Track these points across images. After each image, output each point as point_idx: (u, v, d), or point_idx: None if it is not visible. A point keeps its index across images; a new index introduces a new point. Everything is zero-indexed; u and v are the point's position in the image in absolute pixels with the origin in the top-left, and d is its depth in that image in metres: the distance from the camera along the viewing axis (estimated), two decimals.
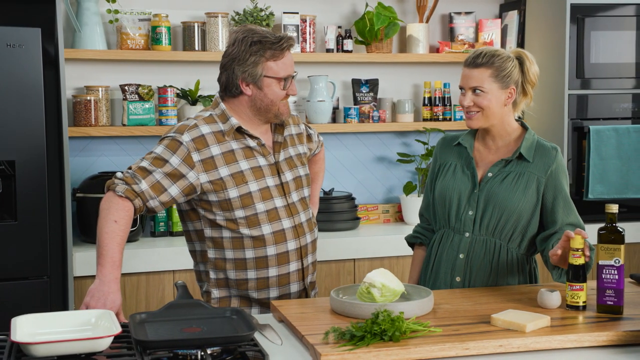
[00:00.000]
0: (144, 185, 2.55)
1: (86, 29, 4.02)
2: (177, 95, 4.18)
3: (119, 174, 2.59)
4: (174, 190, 2.59)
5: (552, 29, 4.41)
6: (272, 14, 4.24)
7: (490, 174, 2.77)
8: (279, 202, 2.70)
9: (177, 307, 2.27)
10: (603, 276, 2.38)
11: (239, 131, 2.69)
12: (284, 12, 4.30)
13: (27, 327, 2.05)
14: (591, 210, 4.42)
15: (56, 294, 3.76)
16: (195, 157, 2.61)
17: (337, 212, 4.24)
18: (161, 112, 4.15)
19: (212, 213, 2.66)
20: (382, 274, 2.44)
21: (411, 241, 3.05)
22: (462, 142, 2.87)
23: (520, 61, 2.78)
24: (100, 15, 4.08)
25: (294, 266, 2.73)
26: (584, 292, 2.42)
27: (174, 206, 3.80)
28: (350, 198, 4.32)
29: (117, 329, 2.02)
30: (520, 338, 2.16)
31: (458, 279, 2.79)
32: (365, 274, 4.07)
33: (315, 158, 3.11)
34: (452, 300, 2.56)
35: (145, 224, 4.10)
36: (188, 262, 3.01)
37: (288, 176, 2.75)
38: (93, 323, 2.15)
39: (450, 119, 4.57)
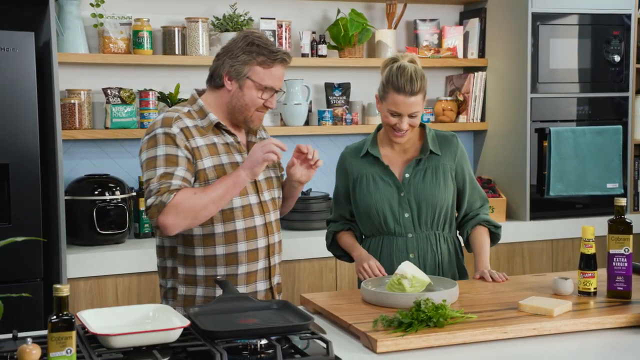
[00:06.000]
0: (177, 181, 2.55)
1: (68, 32, 4.04)
2: (158, 98, 4.23)
3: (149, 201, 2.55)
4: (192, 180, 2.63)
5: (514, 35, 4.63)
6: (251, 19, 4.33)
7: (407, 175, 2.96)
8: (253, 198, 2.73)
9: (227, 300, 2.36)
10: (613, 264, 2.59)
11: (217, 127, 2.72)
12: (262, 18, 4.39)
13: (95, 321, 2.12)
14: (552, 207, 4.69)
15: (50, 296, 3.76)
16: (189, 144, 2.62)
17: (315, 212, 4.37)
18: (142, 115, 4.19)
19: None
20: (411, 267, 2.60)
21: (337, 229, 3.11)
22: (372, 152, 2.99)
23: None
24: (82, 19, 4.10)
25: (261, 264, 2.75)
26: (594, 279, 2.63)
27: None
28: (327, 198, 4.44)
29: (183, 321, 2.11)
30: (551, 322, 2.34)
31: None
32: (347, 271, 4.23)
33: None
34: (471, 290, 2.73)
35: (131, 226, 4.12)
36: None
37: (260, 175, 2.74)
38: (151, 316, 2.23)
39: None
